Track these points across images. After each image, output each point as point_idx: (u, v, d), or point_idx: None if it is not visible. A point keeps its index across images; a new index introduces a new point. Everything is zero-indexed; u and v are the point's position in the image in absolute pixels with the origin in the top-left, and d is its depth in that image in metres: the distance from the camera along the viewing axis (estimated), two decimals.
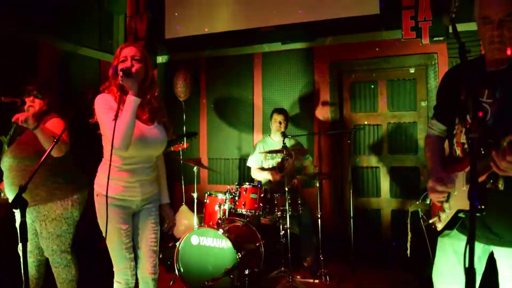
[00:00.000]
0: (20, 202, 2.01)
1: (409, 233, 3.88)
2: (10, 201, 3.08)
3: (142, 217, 2.59)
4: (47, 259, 3.21)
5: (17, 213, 2.97)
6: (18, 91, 3.11)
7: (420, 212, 2.86)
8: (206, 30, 5.44)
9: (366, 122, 5.16)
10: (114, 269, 2.51)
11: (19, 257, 3.22)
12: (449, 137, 2.05)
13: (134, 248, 2.55)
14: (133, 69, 2.36)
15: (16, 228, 3.17)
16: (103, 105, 2.40)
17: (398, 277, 4.06)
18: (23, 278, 3.25)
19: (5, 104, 3.00)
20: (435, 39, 4.51)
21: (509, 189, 1.71)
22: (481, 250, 1.92)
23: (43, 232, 3.04)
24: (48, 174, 3.00)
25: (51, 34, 4.86)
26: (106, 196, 2.29)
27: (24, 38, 4.54)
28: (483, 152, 1.68)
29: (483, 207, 1.53)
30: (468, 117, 1.87)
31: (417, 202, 3.02)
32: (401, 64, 4.96)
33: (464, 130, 1.89)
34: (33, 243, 3.14)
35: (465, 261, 1.32)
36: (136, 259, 2.55)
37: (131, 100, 2.31)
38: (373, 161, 5.15)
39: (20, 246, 3.18)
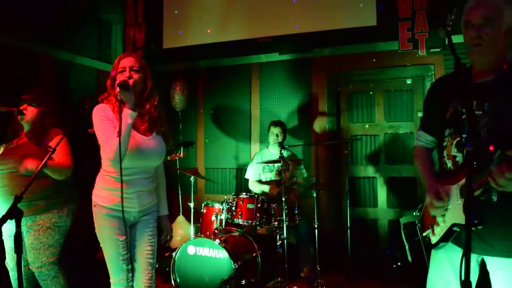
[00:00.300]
0: (16, 212, 2.00)
1: (406, 244, 3.89)
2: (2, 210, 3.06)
3: (139, 229, 2.56)
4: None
5: (9, 224, 2.92)
6: (15, 101, 3.11)
7: (417, 224, 2.85)
8: (208, 31, 5.43)
9: (367, 126, 5.17)
10: (110, 281, 2.47)
11: (7, 271, 3.20)
12: (438, 149, 2.06)
13: (130, 260, 2.53)
14: (132, 81, 2.35)
15: (1, 242, 3.14)
16: (100, 116, 2.39)
17: None
18: None
19: (1, 113, 3.00)
20: (431, 50, 4.55)
21: (502, 200, 1.73)
22: (475, 261, 1.92)
23: (35, 243, 2.98)
24: (49, 186, 3.02)
25: (49, 43, 4.88)
26: (122, 209, 2.32)
27: (23, 47, 4.55)
28: (475, 164, 1.70)
29: (477, 221, 1.53)
30: (458, 129, 1.89)
31: (414, 213, 3.02)
32: (398, 75, 5.00)
33: (455, 142, 1.91)
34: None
35: (461, 274, 1.33)
36: (132, 271, 2.52)
37: (127, 114, 2.30)
38: (370, 171, 5.16)
39: (7, 259, 3.15)
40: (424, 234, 2.07)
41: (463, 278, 1.33)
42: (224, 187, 5.61)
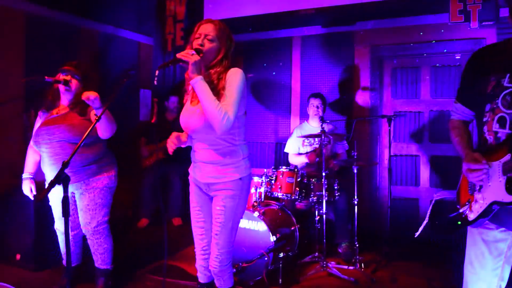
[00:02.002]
0: (63, 178, 2.05)
1: (427, 219, 3.77)
2: (47, 176, 3.18)
3: (213, 206, 2.47)
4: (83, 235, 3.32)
5: (57, 190, 3.02)
6: (57, 72, 3.20)
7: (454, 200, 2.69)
8: (249, 3, 5.33)
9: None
10: None
11: (56, 235, 3.37)
12: (477, 124, 1.96)
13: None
14: (204, 48, 2.31)
15: (50, 208, 3.32)
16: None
17: (435, 271, 3.95)
18: (63, 253, 3.40)
19: (48, 83, 3.09)
20: (484, 23, 4.31)
21: None
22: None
23: (91, 204, 3.16)
24: (99, 151, 3.20)
25: (91, 17, 4.94)
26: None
27: (66, 21, 4.63)
28: None
29: None
30: (500, 104, 1.82)
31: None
32: (446, 50, 4.77)
33: (496, 118, 1.84)
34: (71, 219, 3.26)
35: None
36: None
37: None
38: (413, 149, 5.01)
39: (56, 224, 3.31)
40: (461, 211, 2.01)
41: None
42: (263, 161, 5.59)
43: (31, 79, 2.94)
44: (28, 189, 3.23)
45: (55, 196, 3.20)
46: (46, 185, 3.07)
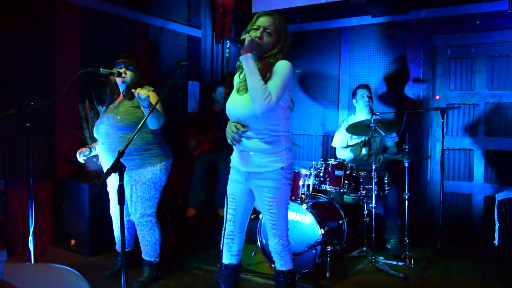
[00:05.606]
0: (119, 166, 2.12)
1: (497, 223, 3.60)
2: (102, 165, 3.30)
3: (257, 196, 2.58)
4: None
5: (113, 177, 3.13)
6: (111, 65, 3.30)
7: None
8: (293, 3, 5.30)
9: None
10: None
11: (110, 220, 3.48)
12: None
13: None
14: (261, 42, 2.37)
15: (105, 194, 3.43)
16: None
17: (490, 269, 3.80)
18: (116, 238, 3.51)
19: (103, 75, 3.19)
20: None
21: None
22: None
23: (133, 196, 3.20)
24: (143, 143, 3.19)
25: (143, 10, 5.03)
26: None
27: (119, 14, 4.74)
28: None
29: None
30: None
31: None
32: (504, 39, 4.54)
33: None
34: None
35: None
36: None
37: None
38: (466, 143, 4.81)
39: (112, 209, 3.43)
40: None
41: None
42: (310, 153, 5.54)
43: (87, 71, 3.02)
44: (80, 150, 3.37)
45: (113, 183, 3.33)
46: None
